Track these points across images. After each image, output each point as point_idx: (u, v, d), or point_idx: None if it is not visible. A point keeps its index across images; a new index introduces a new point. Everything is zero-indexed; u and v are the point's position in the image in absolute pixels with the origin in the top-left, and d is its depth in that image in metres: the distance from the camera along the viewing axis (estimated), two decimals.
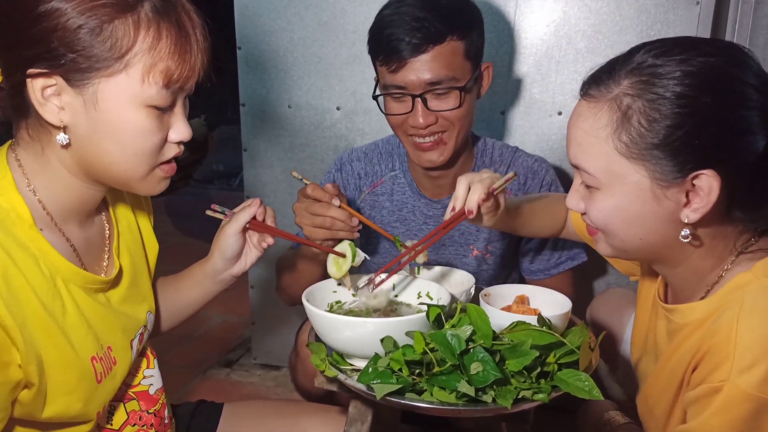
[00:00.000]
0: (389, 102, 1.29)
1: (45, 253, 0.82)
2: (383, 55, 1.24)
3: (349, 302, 1.07)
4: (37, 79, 0.77)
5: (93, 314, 0.88)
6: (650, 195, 0.81)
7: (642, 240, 0.85)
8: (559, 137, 1.72)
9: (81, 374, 0.84)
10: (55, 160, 0.83)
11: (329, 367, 0.89)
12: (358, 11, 1.77)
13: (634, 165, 0.81)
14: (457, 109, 1.25)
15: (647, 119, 0.78)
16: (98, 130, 0.80)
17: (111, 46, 0.76)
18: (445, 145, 1.29)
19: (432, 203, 1.43)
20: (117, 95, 0.79)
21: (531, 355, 0.81)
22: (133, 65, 0.78)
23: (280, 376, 2.17)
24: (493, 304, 1.00)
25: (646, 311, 1.05)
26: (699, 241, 0.85)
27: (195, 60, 0.82)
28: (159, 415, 1.02)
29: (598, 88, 0.84)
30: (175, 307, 1.13)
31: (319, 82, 1.85)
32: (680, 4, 1.58)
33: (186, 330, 2.43)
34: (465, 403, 0.80)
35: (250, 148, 1.97)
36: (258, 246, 1.05)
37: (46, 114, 0.78)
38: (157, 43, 0.79)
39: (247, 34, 1.88)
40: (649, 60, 0.80)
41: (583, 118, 0.85)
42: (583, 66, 1.66)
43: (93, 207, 0.92)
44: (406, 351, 0.84)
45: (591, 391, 0.80)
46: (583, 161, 0.85)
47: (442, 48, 1.21)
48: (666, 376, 0.91)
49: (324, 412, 1.16)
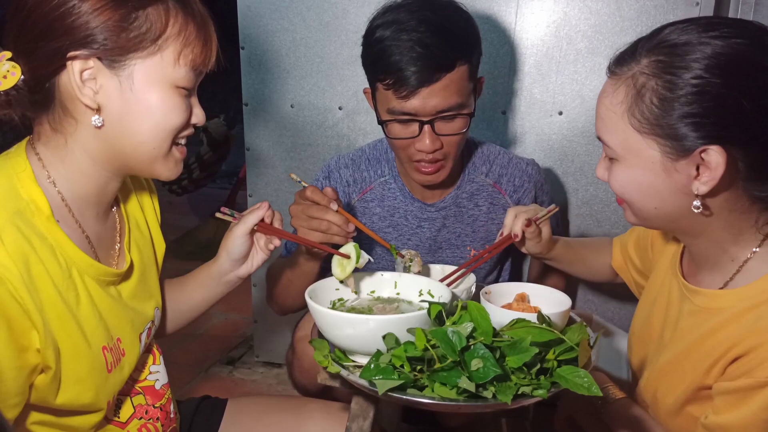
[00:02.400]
0: (394, 126, 1.26)
1: (61, 244, 0.85)
2: (391, 81, 1.20)
3: (352, 300, 1.08)
4: (76, 62, 0.81)
5: (105, 306, 0.91)
6: (661, 168, 0.87)
7: (657, 209, 0.91)
8: (560, 137, 1.73)
9: (92, 363, 0.87)
10: (78, 150, 0.87)
11: (332, 364, 0.90)
12: (359, 12, 1.78)
13: (646, 140, 0.86)
14: (462, 132, 1.26)
15: (659, 98, 0.83)
16: (131, 110, 0.85)
17: (147, 29, 0.83)
18: (444, 168, 1.31)
19: (425, 206, 1.43)
20: (151, 76, 0.85)
21: (531, 351, 0.82)
22: (166, 48, 0.85)
23: (282, 374, 2.19)
24: (493, 302, 1.01)
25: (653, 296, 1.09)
26: (709, 212, 0.89)
27: (214, 45, 0.91)
28: (165, 409, 1.04)
29: (620, 66, 0.89)
30: (181, 309, 1.15)
31: (321, 82, 1.86)
32: (680, 5, 1.59)
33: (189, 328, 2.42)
34: (465, 398, 0.81)
35: (253, 147, 1.99)
36: (264, 248, 1.08)
37: (83, 97, 0.83)
38: (185, 29, 0.86)
39: (249, 35, 1.89)
40: (670, 40, 0.84)
41: (605, 94, 0.91)
42: (583, 66, 1.67)
43: (109, 199, 0.95)
44: (408, 347, 0.85)
45: (590, 387, 0.81)
46: (604, 134, 0.92)
47: (452, 75, 1.19)
48: (689, 363, 0.94)
49: (326, 408, 1.18)
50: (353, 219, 1.16)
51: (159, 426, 1.02)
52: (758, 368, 0.82)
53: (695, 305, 0.95)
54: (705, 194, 0.86)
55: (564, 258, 1.29)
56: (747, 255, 0.91)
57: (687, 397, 0.94)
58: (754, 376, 0.83)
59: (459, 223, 1.44)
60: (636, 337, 1.13)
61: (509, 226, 1.20)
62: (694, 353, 0.93)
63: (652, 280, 1.13)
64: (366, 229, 1.23)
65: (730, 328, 0.88)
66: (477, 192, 1.44)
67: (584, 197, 1.76)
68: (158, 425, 1.02)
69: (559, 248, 1.27)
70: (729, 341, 0.87)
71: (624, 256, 1.28)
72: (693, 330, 0.94)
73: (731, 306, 0.90)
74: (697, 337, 0.93)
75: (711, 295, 0.93)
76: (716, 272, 0.95)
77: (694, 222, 0.91)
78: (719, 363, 0.89)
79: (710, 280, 0.96)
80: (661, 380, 1.00)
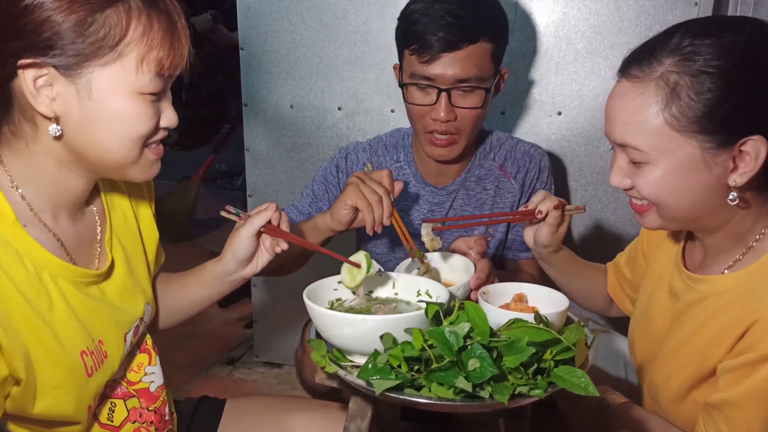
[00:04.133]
0: (413, 92, 1.32)
1: (29, 249, 0.82)
2: (417, 45, 1.27)
3: (350, 300, 1.08)
4: (28, 70, 0.76)
5: (83, 308, 0.88)
6: (701, 164, 0.86)
7: (693, 207, 0.90)
8: (559, 137, 1.73)
9: (69, 369, 0.84)
10: (41, 154, 0.83)
11: (329, 364, 0.90)
12: (359, 12, 1.78)
13: (685, 137, 0.85)
14: (477, 108, 1.30)
15: (696, 92, 0.83)
16: (92, 119, 0.80)
17: (104, 35, 0.77)
18: (456, 144, 1.35)
19: (436, 190, 1.47)
20: (112, 84, 0.79)
21: (527, 351, 0.82)
22: (127, 54, 0.79)
23: (282, 374, 2.19)
24: (491, 302, 1.02)
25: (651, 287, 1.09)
26: (746, 203, 0.90)
27: (183, 47, 0.84)
28: (159, 412, 1.02)
29: (640, 68, 0.88)
30: (181, 305, 1.13)
31: (321, 82, 1.87)
32: (679, 5, 1.59)
33: (189, 328, 2.45)
34: (462, 398, 0.81)
35: (253, 147, 1.99)
36: (270, 249, 1.06)
37: (38, 105, 0.78)
38: (149, 31, 0.80)
39: (249, 35, 1.89)
40: (688, 39, 0.85)
41: (627, 98, 0.89)
42: (582, 67, 1.67)
43: (83, 198, 0.92)
44: (405, 347, 0.85)
45: (587, 387, 0.81)
46: (633, 139, 0.89)
47: (475, 48, 1.26)
48: (693, 348, 0.94)
49: (325, 409, 1.18)
50: (397, 215, 1.19)
51: (153, 429, 1.01)
52: (760, 342, 0.83)
53: (700, 293, 0.96)
54: (741, 186, 0.86)
55: (565, 267, 1.26)
56: (755, 237, 0.92)
57: (692, 383, 0.95)
58: (756, 350, 0.83)
59: (467, 206, 1.48)
60: (637, 335, 1.13)
61: (536, 202, 1.16)
62: (698, 337, 0.94)
63: (647, 283, 1.13)
64: (401, 228, 1.21)
65: (735, 308, 0.89)
66: (485, 176, 1.48)
67: (583, 197, 1.76)
68: (152, 429, 1.01)
69: (564, 254, 1.25)
70: (734, 320, 0.88)
71: (617, 277, 1.27)
72: (697, 316, 0.95)
73: (735, 287, 0.91)
74: (700, 323, 0.94)
75: (715, 280, 0.94)
76: (723, 258, 0.96)
77: (722, 215, 0.91)
78: (725, 343, 0.89)
79: (715, 266, 0.97)
80: (664, 368, 1.01)
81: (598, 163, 1.73)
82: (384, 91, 1.82)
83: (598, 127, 1.71)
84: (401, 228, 1.21)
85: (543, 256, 1.24)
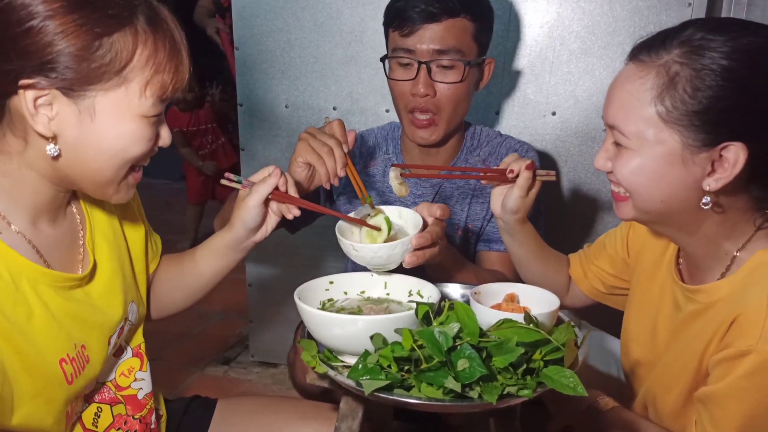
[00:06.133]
0: (395, 67, 1.35)
1: (4, 257, 0.80)
2: (397, 21, 1.31)
3: (341, 300, 1.08)
4: (29, 90, 0.75)
5: (65, 313, 0.86)
6: (679, 159, 0.86)
7: (663, 202, 0.90)
8: (553, 137, 1.74)
9: (48, 378, 0.83)
10: (25, 168, 0.82)
11: (320, 364, 0.90)
12: (353, 12, 1.78)
13: (669, 129, 0.85)
14: (458, 84, 1.31)
15: (692, 87, 0.83)
16: (90, 139, 0.79)
17: (110, 60, 0.76)
18: (436, 126, 1.36)
19: (422, 182, 1.48)
20: (115, 108, 0.79)
21: (516, 352, 0.82)
22: (132, 79, 0.78)
23: (277, 374, 2.19)
24: (483, 302, 1.02)
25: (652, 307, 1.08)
26: (720, 208, 0.90)
27: (185, 70, 0.83)
28: (144, 421, 1.01)
29: (648, 54, 0.88)
30: (197, 282, 1.12)
31: (316, 82, 1.87)
32: (672, 5, 1.59)
33: (184, 328, 2.45)
34: (452, 398, 0.81)
35: (248, 147, 1.99)
36: (278, 212, 1.05)
37: (36, 125, 0.77)
38: (154, 56, 0.79)
39: (244, 35, 1.89)
40: (701, 33, 0.84)
41: (629, 80, 0.89)
42: (576, 67, 1.67)
43: (62, 203, 0.91)
44: (395, 348, 0.85)
45: (576, 387, 0.81)
46: (622, 121, 0.89)
47: (455, 22, 1.29)
48: (688, 355, 0.95)
49: (316, 409, 1.18)
50: (352, 167, 1.15)
51: None
52: (740, 338, 0.84)
53: (699, 303, 0.96)
54: (715, 191, 0.86)
55: (527, 242, 1.22)
56: (738, 247, 0.92)
57: (689, 389, 0.95)
58: (735, 346, 0.85)
59: (449, 199, 1.48)
60: (634, 343, 1.13)
61: (508, 163, 1.14)
62: (693, 345, 0.94)
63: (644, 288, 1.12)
64: (355, 176, 1.18)
65: (723, 311, 0.90)
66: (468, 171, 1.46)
67: (577, 197, 1.76)
68: None
69: (529, 229, 1.21)
70: (720, 322, 0.89)
71: (584, 268, 1.25)
72: (695, 326, 0.96)
73: (726, 293, 0.92)
74: (696, 331, 0.94)
75: (709, 289, 0.95)
76: (714, 268, 0.96)
77: (694, 218, 0.91)
78: (712, 343, 0.90)
79: (709, 277, 0.97)
80: (663, 379, 1.01)
81: (591, 164, 1.73)
82: (379, 91, 1.82)
83: (593, 127, 1.71)
84: (354, 176, 1.17)
85: (509, 225, 1.19)
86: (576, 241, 1.80)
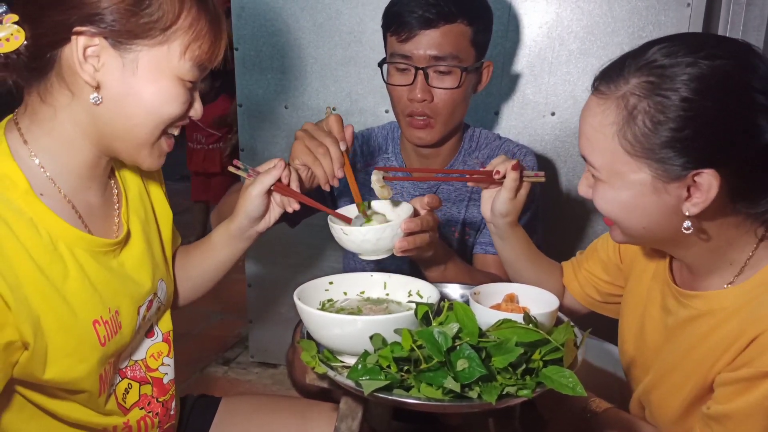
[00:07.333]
0: (393, 72, 1.35)
1: (44, 218, 0.84)
2: (395, 26, 1.31)
3: (341, 301, 1.08)
4: (80, 38, 0.80)
5: (100, 278, 0.90)
6: (651, 190, 0.85)
7: (645, 229, 0.89)
8: (552, 138, 1.74)
9: (81, 337, 0.86)
10: (68, 122, 0.86)
11: (319, 364, 0.90)
12: (352, 13, 1.78)
13: (638, 162, 0.84)
14: (455, 90, 1.31)
15: (651, 120, 0.81)
16: (131, 94, 0.85)
17: (158, 18, 0.82)
18: (433, 128, 1.36)
19: (418, 183, 1.48)
20: (156, 64, 0.84)
21: (516, 352, 0.83)
22: (174, 40, 0.84)
23: (277, 374, 2.20)
24: (482, 303, 1.02)
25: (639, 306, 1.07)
26: (706, 235, 0.89)
27: (222, 44, 0.90)
28: (167, 406, 1.04)
29: (607, 85, 0.87)
30: (206, 273, 1.15)
31: (315, 82, 1.87)
32: (671, 5, 1.59)
33: (184, 328, 2.46)
34: (451, 399, 0.82)
35: (248, 148, 1.99)
36: (281, 204, 1.08)
37: (83, 73, 0.82)
38: (197, 23, 0.85)
39: (244, 35, 1.89)
40: (658, 60, 0.82)
41: (592, 114, 0.89)
42: (575, 67, 1.67)
43: (100, 173, 0.94)
44: (395, 348, 0.85)
45: (575, 387, 0.81)
46: (590, 154, 0.89)
47: (452, 27, 1.28)
48: (691, 364, 0.93)
49: (318, 408, 1.18)
50: (349, 167, 1.13)
51: (157, 421, 1.02)
52: (760, 357, 0.82)
53: (695, 309, 0.94)
54: (696, 215, 0.84)
55: (518, 246, 1.21)
56: (746, 257, 0.90)
57: (692, 399, 0.94)
58: (756, 366, 0.82)
59: (446, 201, 1.47)
60: (627, 344, 1.13)
61: (495, 164, 1.13)
62: (696, 353, 0.93)
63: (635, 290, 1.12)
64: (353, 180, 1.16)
65: (732, 323, 0.88)
66: None
67: (576, 198, 1.76)
68: (156, 420, 1.02)
69: (520, 233, 1.20)
70: (732, 335, 0.87)
71: (577, 275, 1.24)
72: (693, 333, 0.94)
73: (733, 303, 0.90)
74: (698, 339, 0.93)
75: (712, 296, 0.92)
76: (715, 275, 0.94)
77: (685, 238, 0.90)
78: (723, 357, 0.88)
79: (709, 283, 0.95)
80: (662, 388, 1.00)
81: None
82: (378, 92, 1.82)
83: None
84: (351, 179, 1.15)
85: (500, 229, 1.18)
86: (576, 241, 1.80)
